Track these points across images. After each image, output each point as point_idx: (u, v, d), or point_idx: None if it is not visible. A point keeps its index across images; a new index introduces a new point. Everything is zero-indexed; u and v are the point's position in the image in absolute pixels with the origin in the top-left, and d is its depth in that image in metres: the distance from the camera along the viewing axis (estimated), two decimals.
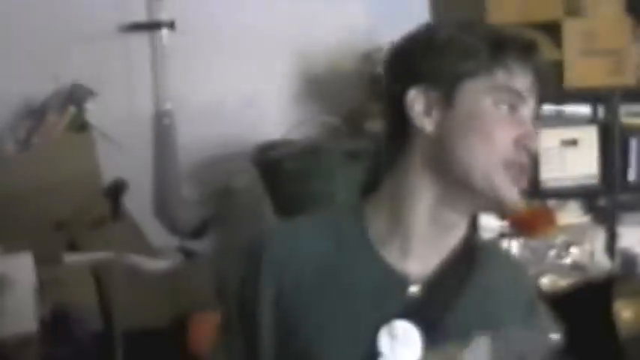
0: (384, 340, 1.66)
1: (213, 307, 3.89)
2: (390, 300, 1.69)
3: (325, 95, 4.18)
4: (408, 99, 1.70)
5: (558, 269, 4.21)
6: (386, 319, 1.67)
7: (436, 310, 1.69)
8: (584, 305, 3.80)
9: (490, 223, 4.04)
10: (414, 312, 1.68)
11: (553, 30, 4.31)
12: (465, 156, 1.66)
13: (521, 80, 1.67)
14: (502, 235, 3.78)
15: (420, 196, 1.70)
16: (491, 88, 1.67)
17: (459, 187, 1.68)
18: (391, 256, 1.71)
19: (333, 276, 1.70)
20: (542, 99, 1.71)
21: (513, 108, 1.66)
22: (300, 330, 1.70)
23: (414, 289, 1.70)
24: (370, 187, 1.77)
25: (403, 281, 1.70)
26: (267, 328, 1.72)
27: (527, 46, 1.70)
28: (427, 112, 1.70)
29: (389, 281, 1.70)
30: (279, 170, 3.79)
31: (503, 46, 1.68)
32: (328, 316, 1.69)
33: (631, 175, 4.46)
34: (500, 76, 1.67)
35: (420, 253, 1.72)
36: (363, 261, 1.71)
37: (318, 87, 4.32)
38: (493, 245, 2.04)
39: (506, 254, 2.15)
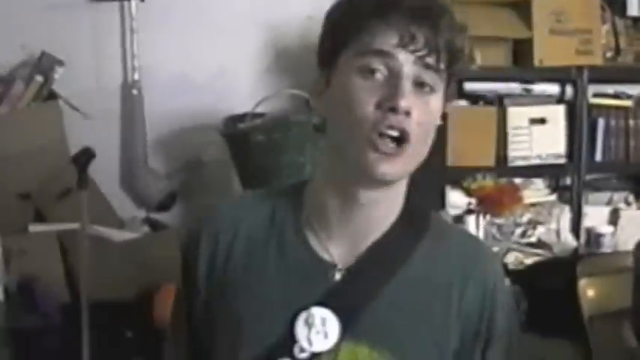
0: (300, 327, 1.62)
1: (179, 279, 3.90)
2: (311, 285, 1.64)
3: (296, 68, 4.16)
4: (312, 82, 1.68)
5: (524, 247, 4.24)
6: (305, 305, 1.62)
7: (357, 299, 1.63)
8: (548, 283, 3.83)
9: (457, 200, 4.05)
10: (334, 299, 1.63)
11: (523, 8, 4.33)
12: (339, 135, 1.60)
13: (385, 39, 1.56)
14: (469, 212, 3.80)
15: (329, 176, 1.66)
16: (355, 55, 1.58)
17: (348, 167, 1.59)
18: (317, 239, 1.67)
19: (261, 255, 1.67)
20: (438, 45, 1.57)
21: (381, 71, 1.56)
22: (230, 306, 1.67)
23: (337, 275, 1.65)
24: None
25: (325, 266, 1.65)
26: (202, 303, 1.70)
27: (388, 2, 1.58)
28: (316, 94, 1.67)
29: (312, 265, 1.65)
30: (248, 142, 3.78)
31: (367, 8, 1.58)
32: (252, 296, 1.66)
33: (597, 155, 4.50)
34: (363, 41, 1.57)
35: (344, 237, 1.66)
36: (289, 243, 1.67)
37: (289, 60, 4.31)
38: (448, 226, 1.86)
39: (465, 237, 1.85)
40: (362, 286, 1.64)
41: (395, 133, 1.53)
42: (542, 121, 4.38)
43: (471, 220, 4.03)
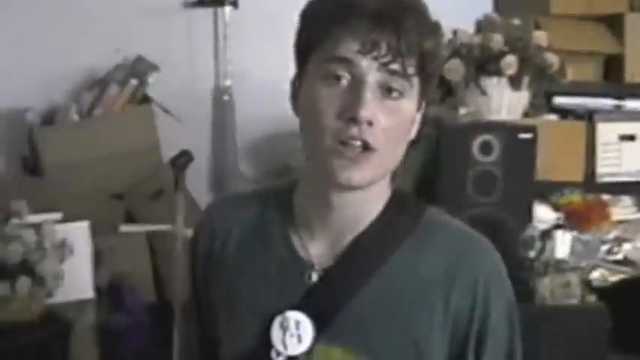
0: (275, 331, 1.60)
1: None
2: (290, 287, 1.62)
3: None
4: (291, 84, 1.65)
5: (610, 264, 4.20)
6: (282, 308, 1.60)
7: (332, 301, 1.60)
8: (634, 301, 3.79)
9: (545, 215, 4.03)
10: (309, 302, 1.61)
11: (615, 23, 4.31)
12: (305, 141, 1.57)
13: (348, 45, 1.50)
14: (557, 227, 3.77)
15: (306, 179, 1.64)
16: (321, 62, 1.53)
17: (316, 170, 1.57)
18: (300, 240, 1.64)
19: (248, 254, 1.67)
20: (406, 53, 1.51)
21: (344, 78, 1.51)
22: (214, 305, 1.69)
23: (314, 276, 1.62)
24: None
25: (303, 266, 1.62)
26: (203, 298, 1.73)
27: (349, 8, 1.52)
28: (294, 97, 1.63)
29: (291, 265, 1.63)
30: None
31: (330, 13, 1.53)
32: (238, 296, 1.66)
33: None
34: (327, 47, 1.52)
35: (324, 238, 1.63)
36: (274, 242, 1.66)
37: None
38: (442, 222, 1.69)
39: (455, 232, 1.69)
40: (338, 288, 1.60)
41: (357, 144, 1.50)
42: (631, 137, 4.34)
43: (559, 235, 4.00)
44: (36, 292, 3.17)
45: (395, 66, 1.51)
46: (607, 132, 4.29)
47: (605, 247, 4.25)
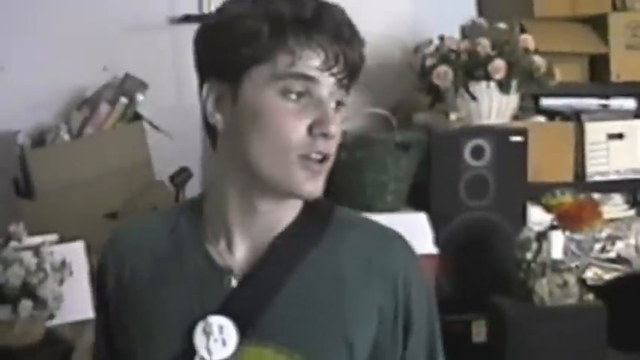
0: (198, 337, 1.60)
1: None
2: (210, 294, 1.63)
3: (374, 86, 4.18)
4: (202, 93, 1.68)
5: (603, 263, 4.22)
6: (203, 314, 1.61)
7: (253, 304, 1.61)
8: (628, 298, 3.81)
9: (538, 216, 4.04)
10: (230, 305, 1.62)
11: (599, 24, 4.33)
12: (256, 155, 1.57)
13: (308, 61, 1.55)
14: (552, 228, 3.79)
15: (228, 187, 1.63)
16: (274, 77, 1.55)
17: (260, 182, 1.59)
18: (217, 249, 1.66)
19: (162, 272, 1.67)
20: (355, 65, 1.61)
21: (305, 94, 1.56)
22: (129, 329, 1.69)
23: (233, 281, 1.64)
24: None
25: (221, 273, 1.64)
26: (115, 326, 1.73)
27: (309, 22, 1.55)
28: (218, 108, 1.63)
29: (210, 274, 1.65)
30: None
31: (283, 26, 1.55)
32: (153, 313, 1.66)
33: None
34: (282, 62, 1.55)
35: (244, 244, 1.66)
36: (189, 255, 1.67)
37: (367, 78, 4.32)
38: (354, 219, 1.75)
39: (369, 227, 1.75)
40: (258, 289, 1.62)
41: (319, 157, 1.57)
42: (619, 136, 4.36)
43: (555, 236, 4.01)
44: (37, 315, 3.16)
45: (346, 80, 1.59)
46: (595, 131, 4.31)
47: (598, 246, 4.27)
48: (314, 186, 1.58)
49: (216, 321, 1.60)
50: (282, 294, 1.62)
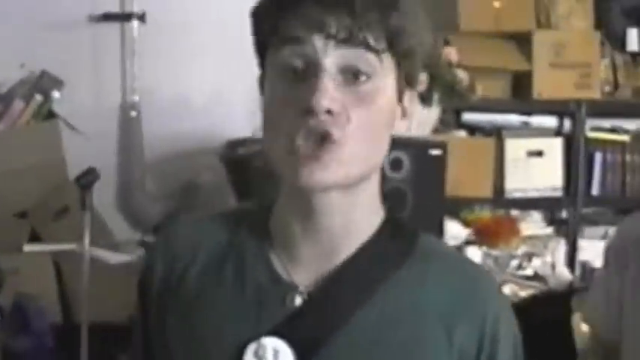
0: None
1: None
2: (267, 312, 1.40)
3: None
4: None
5: (519, 279, 4.22)
6: (257, 334, 1.38)
7: (319, 328, 1.38)
8: (543, 316, 3.81)
9: (455, 231, 4.04)
10: (291, 328, 1.39)
11: (523, 41, 4.34)
12: (265, 148, 1.38)
13: (297, 19, 1.30)
14: (467, 243, 3.78)
15: (284, 190, 1.43)
16: (274, 53, 1.34)
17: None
18: (281, 262, 1.43)
19: (216, 281, 1.46)
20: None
21: (305, 70, 1.30)
22: (170, 341, 1.47)
23: (297, 299, 1.40)
24: None
25: (284, 289, 1.41)
26: (156, 333, 1.51)
27: None
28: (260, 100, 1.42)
29: (270, 288, 1.41)
30: (247, 168, 3.77)
31: (278, 4, 1.35)
32: (200, 326, 1.46)
33: (594, 189, 4.51)
34: (278, 34, 1.33)
35: (310, 257, 1.42)
36: (249, 266, 1.45)
37: None
38: (441, 249, 1.53)
39: (460, 262, 1.54)
40: (326, 314, 1.39)
41: (311, 137, 1.29)
42: (539, 153, 4.39)
43: (470, 251, 4.02)
44: None
45: (357, 39, 1.29)
46: (515, 148, 4.33)
47: (514, 263, 4.27)
48: (309, 173, 1.29)
49: (272, 344, 1.38)
50: (350, 324, 1.38)
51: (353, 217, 1.40)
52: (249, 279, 1.43)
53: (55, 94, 4.03)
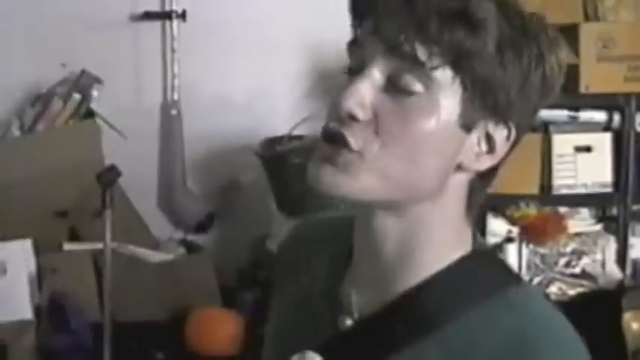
0: None
1: (213, 302, 3.87)
2: (319, 327, 1.34)
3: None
4: None
5: (568, 278, 4.15)
6: (304, 347, 1.32)
7: (365, 355, 1.28)
8: (593, 315, 3.73)
9: (497, 228, 3.97)
10: (335, 350, 1.30)
11: (571, 34, 4.25)
12: None
13: (361, 28, 1.21)
14: (509, 240, 3.71)
15: None
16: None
17: None
18: (348, 278, 1.35)
19: (300, 286, 1.44)
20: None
21: (353, 70, 1.21)
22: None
23: (347, 321, 1.31)
24: None
25: (337, 308, 1.33)
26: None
27: None
28: None
29: (326, 303, 1.35)
30: (285, 165, 3.73)
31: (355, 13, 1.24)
32: (273, 330, 1.47)
33: None
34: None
35: (371, 279, 1.31)
36: (325, 276, 1.39)
37: (329, 82, 4.25)
38: (527, 303, 1.28)
39: (531, 313, 1.26)
40: (374, 344, 1.28)
41: (334, 128, 1.20)
42: (588, 149, 4.29)
43: (511, 248, 3.95)
44: None
45: (403, 51, 1.17)
46: (562, 143, 4.24)
47: (563, 261, 4.20)
48: (315, 174, 1.21)
49: (314, 359, 1.31)
50: (400, 356, 1.26)
51: (410, 246, 1.28)
52: (318, 292, 1.38)
53: (94, 93, 4.02)
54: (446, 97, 1.18)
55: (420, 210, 1.25)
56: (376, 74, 1.19)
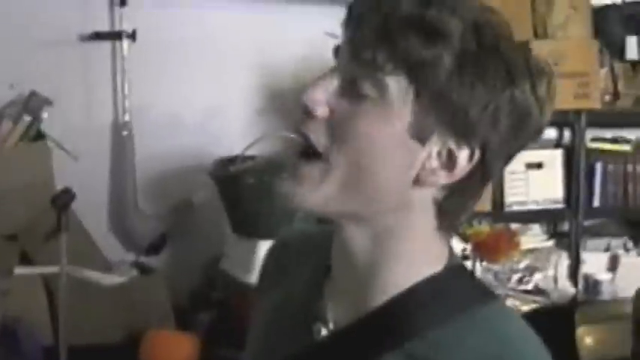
0: None
1: (167, 324, 3.84)
2: (297, 336, 1.33)
3: (290, 109, 4.11)
4: None
5: (521, 294, 4.17)
6: (281, 354, 1.32)
7: None
8: (546, 331, 3.74)
9: (453, 246, 3.98)
10: (309, 357, 1.30)
11: None
12: None
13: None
14: (464, 258, 3.72)
15: None
16: None
17: None
18: (327, 289, 1.33)
19: (284, 299, 1.42)
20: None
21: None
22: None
23: (323, 331, 1.30)
24: None
25: (314, 318, 1.31)
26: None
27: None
28: None
29: (304, 314, 1.33)
30: (238, 185, 3.71)
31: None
32: (254, 334, 1.44)
33: (595, 201, 4.43)
34: None
35: (344, 293, 1.30)
36: (305, 286, 1.38)
37: (282, 101, 4.25)
38: (491, 317, 1.27)
39: (501, 333, 1.24)
40: (345, 355, 1.28)
41: (297, 144, 1.20)
42: (539, 165, 4.32)
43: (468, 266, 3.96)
44: None
45: (366, 54, 1.16)
46: (514, 160, 4.24)
47: (516, 277, 4.22)
48: (287, 188, 1.21)
49: None
50: None
51: (379, 259, 1.26)
52: (297, 297, 1.37)
53: (44, 115, 3.97)
54: (399, 105, 1.16)
55: (385, 223, 1.24)
56: (337, 77, 1.18)
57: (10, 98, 4.09)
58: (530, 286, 4.23)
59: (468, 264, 3.94)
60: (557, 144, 4.42)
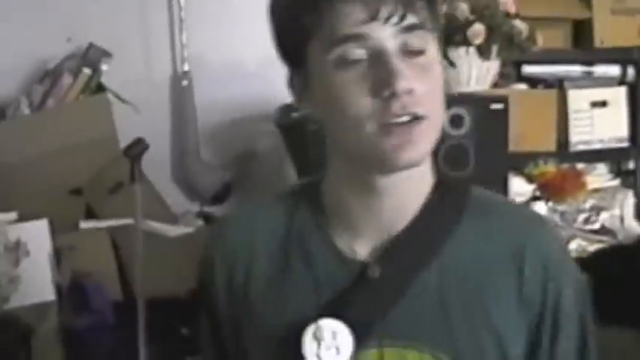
0: (307, 344, 1.42)
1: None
2: (334, 292, 1.45)
3: None
4: (287, 79, 1.54)
5: (587, 234, 4.13)
6: (317, 315, 1.43)
7: (384, 300, 1.43)
8: (613, 270, 3.72)
9: (520, 188, 3.95)
10: (353, 306, 1.43)
11: None
12: (341, 139, 1.43)
13: (351, 17, 1.36)
14: (534, 199, 3.68)
15: (339, 173, 1.48)
16: (325, 49, 1.38)
17: (360, 163, 1.43)
18: (342, 239, 1.48)
19: (282, 268, 1.51)
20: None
21: (362, 59, 1.38)
22: (244, 336, 1.54)
23: (373, 273, 1.45)
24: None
25: (354, 268, 1.46)
26: (229, 333, 1.58)
27: None
28: (299, 93, 1.50)
29: (339, 269, 1.47)
30: (303, 132, 3.68)
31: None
32: (270, 315, 1.50)
33: None
34: (327, 29, 1.37)
35: (372, 233, 1.48)
36: (314, 247, 1.50)
37: None
38: (492, 199, 1.58)
39: (514, 209, 1.66)
40: (392, 285, 1.44)
41: (405, 119, 1.36)
42: (603, 103, 4.27)
43: (537, 207, 3.92)
44: None
45: (409, 20, 1.37)
46: (578, 99, 4.22)
47: (582, 217, 4.18)
48: (407, 153, 1.36)
49: (329, 325, 1.42)
50: (416, 289, 1.44)
51: (411, 190, 1.48)
52: (319, 264, 1.48)
53: (104, 67, 3.95)
54: (435, 46, 1.42)
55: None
56: (396, 51, 1.37)
57: (68, 52, 4.05)
58: (596, 226, 4.19)
59: (536, 204, 3.91)
60: (621, 81, 4.35)
